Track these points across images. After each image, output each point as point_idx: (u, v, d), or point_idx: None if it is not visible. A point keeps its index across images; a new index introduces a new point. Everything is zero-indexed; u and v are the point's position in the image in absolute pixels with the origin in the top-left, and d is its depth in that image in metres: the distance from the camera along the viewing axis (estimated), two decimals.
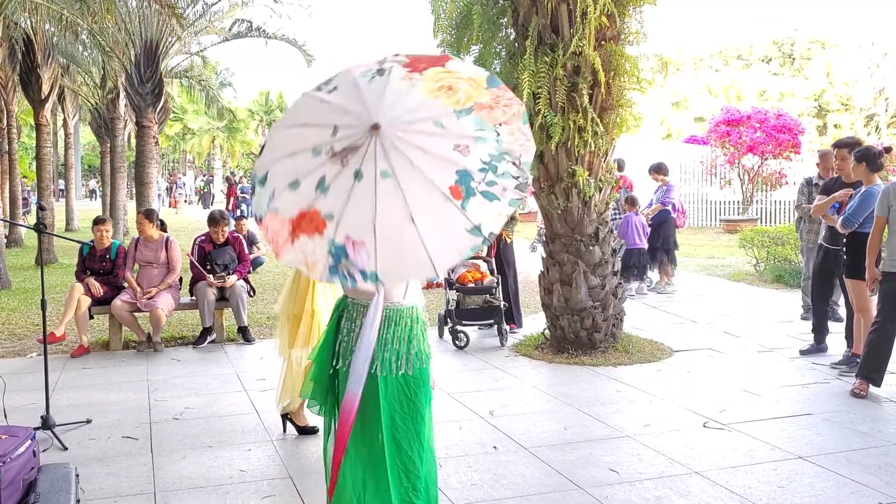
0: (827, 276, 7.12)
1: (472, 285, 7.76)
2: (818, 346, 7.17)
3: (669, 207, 11.00)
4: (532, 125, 7.02)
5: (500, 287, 7.87)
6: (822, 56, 49.45)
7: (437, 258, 2.43)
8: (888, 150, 7.58)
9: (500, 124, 2.55)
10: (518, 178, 2.51)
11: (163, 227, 8.04)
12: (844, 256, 6.50)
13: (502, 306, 7.67)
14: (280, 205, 2.59)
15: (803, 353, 7.18)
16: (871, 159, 6.20)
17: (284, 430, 5.10)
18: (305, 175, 2.54)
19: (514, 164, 2.52)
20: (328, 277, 2.51)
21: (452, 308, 7.59)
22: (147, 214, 7.97)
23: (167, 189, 40.07)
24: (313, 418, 5.03)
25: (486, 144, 2.51)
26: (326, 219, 2.48)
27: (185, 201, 42.41)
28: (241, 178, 38.80)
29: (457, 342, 7.48)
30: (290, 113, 2.82)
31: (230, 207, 26.89)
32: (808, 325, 8.36)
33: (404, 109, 2.52)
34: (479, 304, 7.82)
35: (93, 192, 49.87)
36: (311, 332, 4.71)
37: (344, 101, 2.61)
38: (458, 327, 7.54)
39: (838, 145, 6.95)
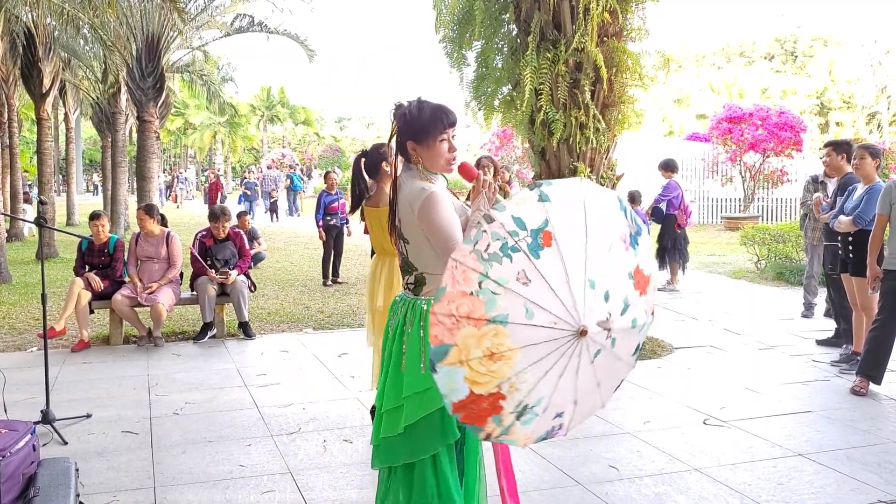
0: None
1: None
2: (837, 340, 7.25)
3: (662, 206, 10.99)
4: (534, 121, 7.02)
5: None
6: (824, 54, 49.46)
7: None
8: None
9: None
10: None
11: (163, 222, 8.04)
12: (844, 254, 6.52)
13: None
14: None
15: (820, 343, 7.37)
16: (880, 156, 6.39)
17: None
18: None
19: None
20: None
21: None
22: (147, 210, 7.96)
23: (167, 184, 39.64)
24: None
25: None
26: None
27: (187, 197, 42.22)
28: (246, 173, 38.71)
29: None
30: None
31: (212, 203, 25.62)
32: (809, 322, 8.41)
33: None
34: None
35: (96, 186, 49.72)
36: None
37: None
38: None
39: (828, 144, 7.32)
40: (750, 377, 6.29)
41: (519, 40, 7.14)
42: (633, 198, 10.98)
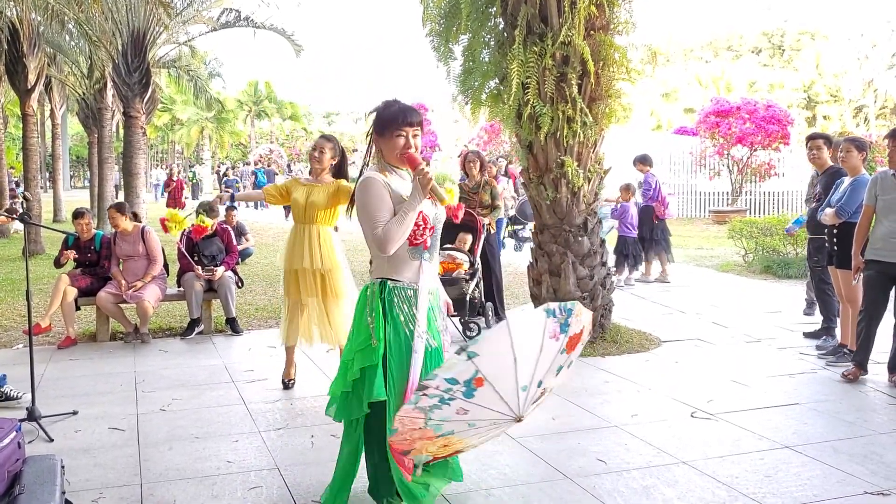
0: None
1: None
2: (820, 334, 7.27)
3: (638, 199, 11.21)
4: (521, 115, 7.01)
5: (484, 281, 7.88)
6: (811, 47, 49.68)
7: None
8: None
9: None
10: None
11: (136, 218, 7.98)
12: (830, 246, 6.55)
13: (468, 299, 7.55)
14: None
15: (807, 335, 7.36)
16: (866, 149, 6.39)
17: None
18: None
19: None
20: None
21: None
22: (118, 208, 7.84)
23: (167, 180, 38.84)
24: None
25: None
26: None
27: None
28: (227, 170, 38.52)
29: None
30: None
31: (176, 203, 22.16)
32: (796, 315, 8.44)
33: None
34: (453, 296, 7.70)
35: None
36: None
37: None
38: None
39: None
40: (737, 370, 6.31)
41: (506, 34, 7.12)
42: (629, 189, 11.07)
